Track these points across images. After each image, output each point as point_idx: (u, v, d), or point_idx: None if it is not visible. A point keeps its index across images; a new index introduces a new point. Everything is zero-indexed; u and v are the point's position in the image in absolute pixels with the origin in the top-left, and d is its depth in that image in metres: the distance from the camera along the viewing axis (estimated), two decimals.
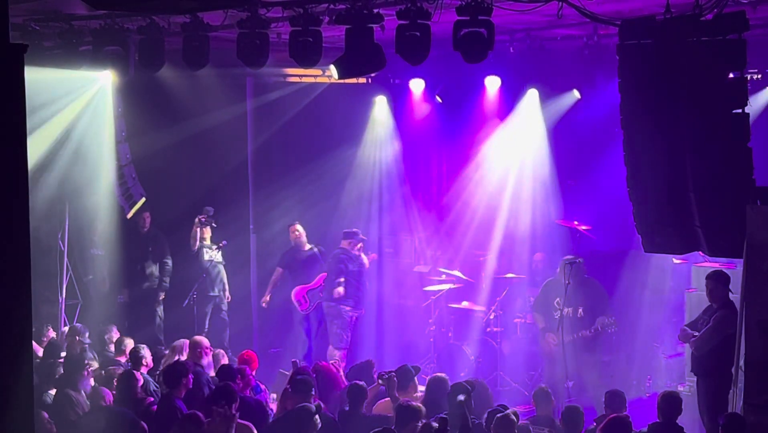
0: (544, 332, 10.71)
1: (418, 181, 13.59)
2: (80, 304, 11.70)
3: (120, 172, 11.70)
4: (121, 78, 10.89)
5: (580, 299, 10.46)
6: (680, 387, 10.05)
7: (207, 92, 11.68)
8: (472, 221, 12.67)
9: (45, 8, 8.94)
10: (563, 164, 12.37)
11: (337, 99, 12.87)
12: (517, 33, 10.34)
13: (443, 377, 8.37)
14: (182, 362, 8.59)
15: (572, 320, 10.44)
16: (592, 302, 10.53)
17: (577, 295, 10.43)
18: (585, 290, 10.51)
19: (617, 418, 7.17)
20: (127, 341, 9.61)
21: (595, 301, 10.56)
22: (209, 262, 11.92)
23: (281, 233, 12.77)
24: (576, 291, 10.40)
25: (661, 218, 7.69)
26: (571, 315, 10.45)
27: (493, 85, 12.14)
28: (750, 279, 7.19)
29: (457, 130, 12.95)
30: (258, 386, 8.91)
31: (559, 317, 10.42)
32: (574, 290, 10.37)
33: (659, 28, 7.24)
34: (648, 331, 11.35)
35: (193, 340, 9.29)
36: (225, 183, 12.56)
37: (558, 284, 10.56)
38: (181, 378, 8.00)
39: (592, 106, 11.42)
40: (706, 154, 7.26)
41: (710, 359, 8.30)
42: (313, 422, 7.16)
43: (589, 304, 10.50)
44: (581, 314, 10.47)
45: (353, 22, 7.84)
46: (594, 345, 10.55)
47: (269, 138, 12.91)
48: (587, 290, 10.54)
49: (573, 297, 10.39)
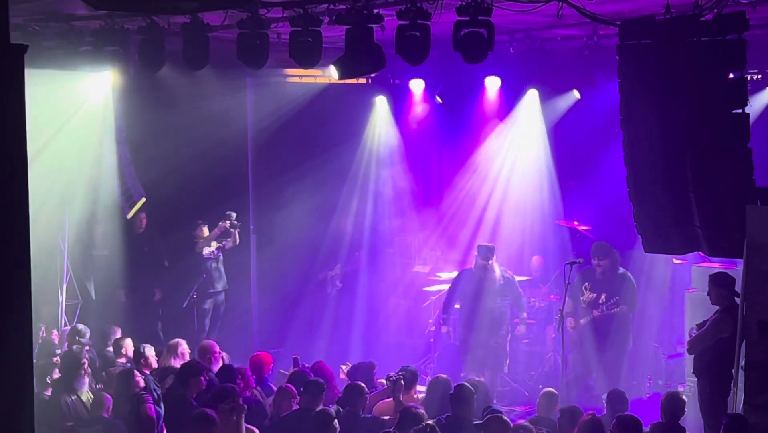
0: (566, 317, 10.57)
1: (418, 181, 13.59)
2: (80, 304, 11.69)
3: (120, 172, 11.69)
4: (121, 78, 10.89)
5: (605, 286, 10.70)
6: (680, 387, 10.05)
7: (207, 92, 11.67)
8: (472, 221, 12.68)
9: (45, 8, 8.92)
10: (563, 164, 12.39)
11: (337, 99, 12.87)
12: (517, 33, 10.34)
13: (444, 378, 8.37)
14: (197, 362, 8.60)
15: (592, 304, 10.70)
16: (614, 288, 10.68)
17: (605, 284, 10.70)
18: (613, 281, 10.71)
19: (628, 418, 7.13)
20: (126, 342, 9.60)
21: (615, 287, 10.70)
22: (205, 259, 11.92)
23: (281, 232, 12.77)
24: (605, 281, 10.70)
25: (661, 218, 7.69)
26: (593, 300, 10.70)
27: (493, 85, 12.15)
28: (750, 279, 7.19)
29: (457, 130, 12.96)
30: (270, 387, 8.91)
31: (583, 301, 10.75)
32: (605, 280, 10.68)
33: (659, 28, 7.24)
34: (648, 331, 11.35)
35: (203, 345, 9.23)
36: (225, 183, 12.55)
37: (588, 271, 10.83)
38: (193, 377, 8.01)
39: (592, 106, 11.43)
40: (706, 154, 7.26)
41: (708, 360, 8.30)
42: (333, 426, 7.19)
43: (611, 290, 10.67)
44: (603, 300, 10.66)
45: (353, 23, 7.83)
46: (607, 333, 10.66)
47: (269, 138, 12.91)
48: (615, 281, 10.72)
49: (600, 285, 10.70)
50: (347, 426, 7.50)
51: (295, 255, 12.95)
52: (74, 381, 8.30)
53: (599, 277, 10.74)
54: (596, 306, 10.67)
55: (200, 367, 8.28)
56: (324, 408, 7.46)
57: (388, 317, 12.91)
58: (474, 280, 10.86)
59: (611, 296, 10.64)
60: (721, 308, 8.32)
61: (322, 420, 7.22)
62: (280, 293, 12.91)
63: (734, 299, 8.06)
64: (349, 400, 7.84)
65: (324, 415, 7.28)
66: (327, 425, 7.17)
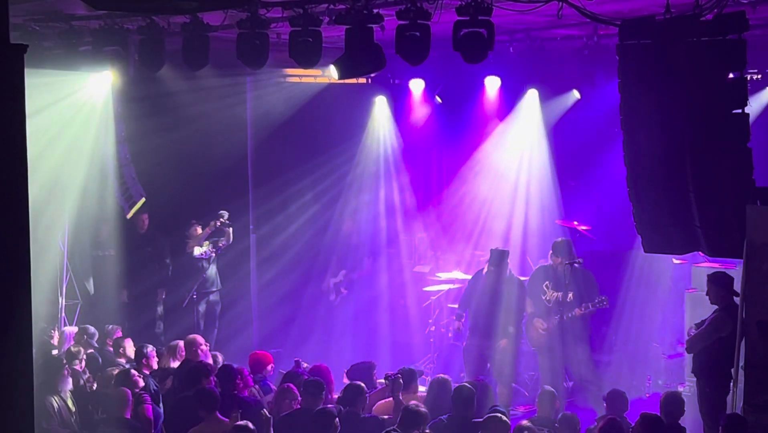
0: (532, 318, 10.48)
1: (418, 181, 13.59)
2: (80, 304, 11.69)
3: (120, 172, 11.69)
4: (121, 78, 10.89)
5: (571, 285, 10.30)
6: (680, 387, 10.05)
7: (207, 92, 11.67)
8: (472, 221, 12.68)
9: (45, 8, 8.92)
10: (563, 164, 12.39)
11: (337, 99, 12.87)
12: (517, 33, 10.34)
13: (446, 378, 8.37)
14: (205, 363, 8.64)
15: (561, 304, 10.31)
16: (582, 289, 10.34)
17: (568, 280, 10.28)
18: (576, 277, 10.35)
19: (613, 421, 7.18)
20: (126, 342, 9.60)
21: (585, 287, 10.37)
22: (198, 259, 11.92)
23: (281, 232, 12.76)
24: (567, 277, 10.27)
25: (661, 218, 7.69)
26: (560, 299, 10.33)
27: (493, 85, 12.15)
28: (750, 279, 7.19)
29: (457, 130, 12.96)
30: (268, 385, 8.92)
31: (547, 300, 10.36)
32: (565, 276, 10.25)
33: (659, 28, 7.24)
34: (648, 331, 11.35)
35: (189, 339, 9.28)
36: (225, 183, 12.55)
37: (548, 269, 10.50)
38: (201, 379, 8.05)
39: (592, 106, 11.43)
40: (706, 154, 7.26)
41: (708, 359, 8.29)
42: (334, 425, 7.21)
43: (579, 290, 10.32)
44: (571, 298, 10.29)
45: (353, 23, 7.83)
46: (582, 332, 10.39)
47: (269, 138, 12.91)
48: (578, 277, 10.38)
49: (563, 282, 10.28)
50: (348, 426, 7.51)
51: (295, 255, 12.96)
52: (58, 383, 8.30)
53: (560, 274, 10.31)
54: (569, 307, 10.25)
55: (208, 369, 8.31)
56: (325, 407, 7.48)
57: (388, 316, 12.90)
58: (484, 284, 10.55)
59: (581, 296, 10.25)
60: (719, 307, 8.31)
61: (324, 419, 7.23)
62: (280, 294, 12.91)
63: (733, 298, 8.06)
64: (349, 400, 7.84)
65: (325, 414, 7.29)
66: (328, 424, 7.18)
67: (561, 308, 10.29)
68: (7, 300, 4.00)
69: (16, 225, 4.05)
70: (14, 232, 4.04)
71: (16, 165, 4.04)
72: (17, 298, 4.05)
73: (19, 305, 4.05)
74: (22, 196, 4.07)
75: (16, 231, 4.05)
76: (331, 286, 12.74)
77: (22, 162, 4.07)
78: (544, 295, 10.48)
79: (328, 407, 7.44)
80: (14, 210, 4.04)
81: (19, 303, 4.06)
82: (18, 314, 4.05)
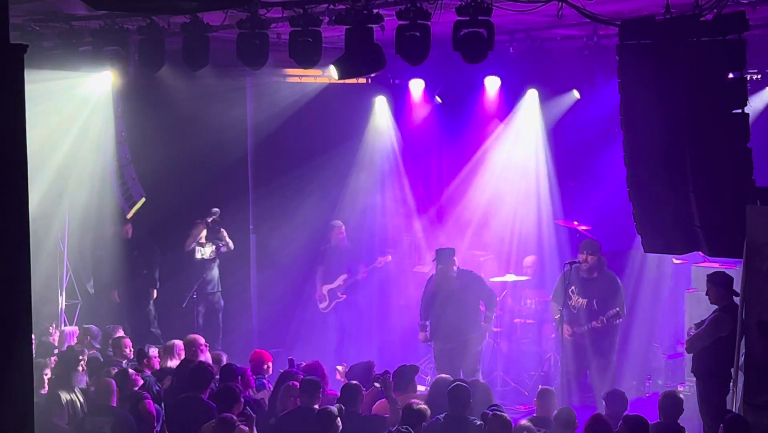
0: (561, 322, 10.23)
1: (418, 181, 13.59)
2: (80, 304, 11.69)
3: (120, 172, 11.69)
4: (121, 78, 10.89)
5: (595, 291, 10.25)
6: (680, 387, 10.05)
7: (207, 92, 11.68)
8: (472, 221, 12.68)
9: (45, 8, 8.93)
10: (563, 164, 12.38)
11: (337, 99, 12.86)
12: (517, 33, 10.34)
13: (447, 378, 8.37)
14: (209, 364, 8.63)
15: (586, 312, 10.24)
16: (606, 295, 10.25)
17: (593, 286, 10.25)
18: (603, 285, 10.28)
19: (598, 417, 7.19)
20: (126, 342, 9.59)
21: (609, 294, 10.26)
22: (200, 261, 11.93)
23: (281, 232, 12.76)
24: (593, 283, 10.24)
25: (661, 218, 7.69)
26: (585, 307, 10.25)
27: (492, 85, 12.14)
28: (750, 279, 7.20)
29: (456, 130, 12.95)
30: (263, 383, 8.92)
31: (572, 306, 10.27)
32: (592, 282, 10.22)
33: (659, 28, 7.24)
34: (648, 331, 11.34)
35: (188, 339, 9.27)
36: (224, 183, 12.55)
37: (574, 271, 10.26)
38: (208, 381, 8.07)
39: (592, 106, 11.43)
40: (706, 154, 7.26)
41: (708, 359, 8.30)
42: (336, 424, 7.22)
43: (603, 296, 10.24)
44: (595, 306, 10.22)
45: (353, 23, 7.84)
46: (603, 340, 10.28)
47: (269, 138, 12.90)
48: (602, 283, 10.31)
49: (588, 288, 10.24)
50: (348, 425, 7.52)
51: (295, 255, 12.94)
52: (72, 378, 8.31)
53: (584, 275, 10.29)
54: (593, 316, 10.17)
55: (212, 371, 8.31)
56: (327, 407, 7.47)
57: (387, 316, 12.89)
58: (434, 286, 10.45)
59: (605, 304, 10.18)
60: (719, 307, 8.32)
61: (326, 419, 7.24)
62: (280, 294, 12.90)
63: (733, 298, 8.06)
64: (347, 399, 7.85)
65: (327, 414, 7.29)
66: (330, 424, 7.20)
67: (586, 316, 10.21)
68: (7, 300, 4.00)
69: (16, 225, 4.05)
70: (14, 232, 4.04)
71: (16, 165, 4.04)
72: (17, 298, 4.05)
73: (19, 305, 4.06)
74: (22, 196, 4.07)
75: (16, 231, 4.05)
76: (325, 293, 12.63)
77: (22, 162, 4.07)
78: (570, 301, 10.31)
79: (329, 407, 7.45)
80: (14, 210, 4.04)
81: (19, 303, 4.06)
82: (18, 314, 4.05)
